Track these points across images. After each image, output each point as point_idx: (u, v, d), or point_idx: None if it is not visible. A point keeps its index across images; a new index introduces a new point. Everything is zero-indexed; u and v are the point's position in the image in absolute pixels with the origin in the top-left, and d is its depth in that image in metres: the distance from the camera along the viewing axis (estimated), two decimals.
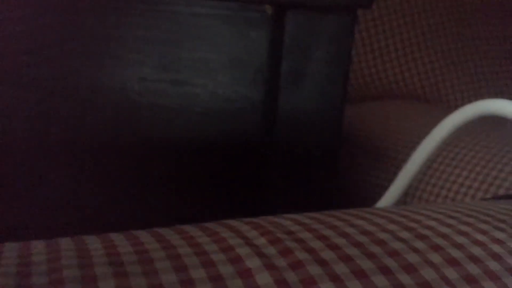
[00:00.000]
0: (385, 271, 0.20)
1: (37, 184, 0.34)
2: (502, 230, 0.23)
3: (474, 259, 0.21)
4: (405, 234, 0.22)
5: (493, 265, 0.21)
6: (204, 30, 0.35)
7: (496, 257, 0.21)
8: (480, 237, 0.23)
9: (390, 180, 0.58)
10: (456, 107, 0.85)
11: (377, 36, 0.85)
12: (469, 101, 0.87)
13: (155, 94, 0.35)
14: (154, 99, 0.35)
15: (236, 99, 0.36)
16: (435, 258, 0.21)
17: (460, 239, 0.22)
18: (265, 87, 0.36)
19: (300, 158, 0.37)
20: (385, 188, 0.57)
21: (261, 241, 0.22)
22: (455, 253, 0.21)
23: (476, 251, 0.22)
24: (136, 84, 0.34)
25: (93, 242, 0.22)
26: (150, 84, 0.34)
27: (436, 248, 0.21)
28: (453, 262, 0.21)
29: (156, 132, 0.35)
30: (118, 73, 0.34)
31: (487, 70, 0.88)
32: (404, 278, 0.19)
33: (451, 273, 0.20)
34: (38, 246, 0.22)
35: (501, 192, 0.45)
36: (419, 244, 0.22)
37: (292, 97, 0.36)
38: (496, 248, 0.22)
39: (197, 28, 0.34)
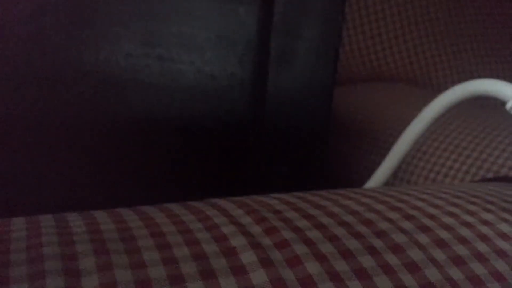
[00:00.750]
0: (372, 251, 0.19)
1: (30, 170, 0.33)
2: (490, 211, 0.23)
3: (462, 241, 0.21)
4: (392, 214, 0.22)
5: (482, 246, 0.20)
6: (192, 5, 0.34)
7: (485, 238, 0.21)
8: (468, 218, 0.22)
9: (379, 162, 0.58)
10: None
11: (368, 17, 0.84)
12: None
13: (140, 70, 0.34)
14: (139, 75, 0.34)
15: (224, 77, 0.35)
16: (423, 239, 0.20)
17: (448, 220, 0.22)
18: (253, 65, 0.35)
19: (288, 138, 0.37)
20: (374, 170, 0.57)
21: (247, 220, 0.21)
22: (443, 234, 0.21)
23: (464, 232, 0.21)
24: (122, 59, 0.33)
25: (75, 219, 0.22)
26: (135, 60, 0.34)
27: (424, 228, 0.21)
28: (441, 243, 0.20)
29: (141, 109, 0.34)
30: (103, 49, 0.33)
31: (478, 53, 0.88)
32: (391, 258, 0.19)
33: (439, 254, 0.20)
34: (18, 223, 0.21)
35: (490, 175, 0.45)
36: (406, 225, 0.21)
37: (281, 76, 0.35)
38: (484, 229, 0.22)
39: (185, 2, 0.34)
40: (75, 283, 0.17)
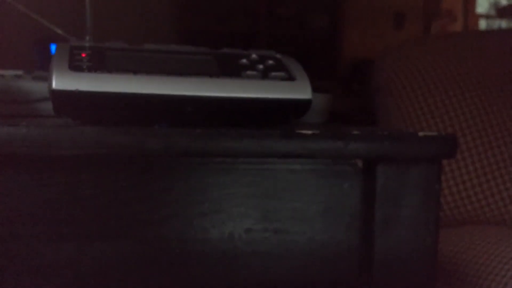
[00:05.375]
0: None
1: None
2: None
3: None
4: None
5: None
6: (301, 183, 0.38)
7: None
8: None
9: None
10: None
11: (465, 161, 0.86)
12: None
13: (259, 242, 0.38)
14: (258, 247, 0.38)
15: (333, 244, 0.39)
16: None
17: None
18: (360, 233, 0.39)
19: None
20: None
21: None
22: None
23: None
24: (243, 234, 0.38)
25: None
26: (255, 234, 0.38)
27: None
28: None
29: (259, 277, 0.38)
30: (226, 226, 0.38)
31: None
32: None
33: None
34: None
35: None
36: None
37: (386, 242, 0.38)
38: None
39: (295, 182, 0.38)
40: None
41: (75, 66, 0.36)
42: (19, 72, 0.58)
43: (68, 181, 0.36)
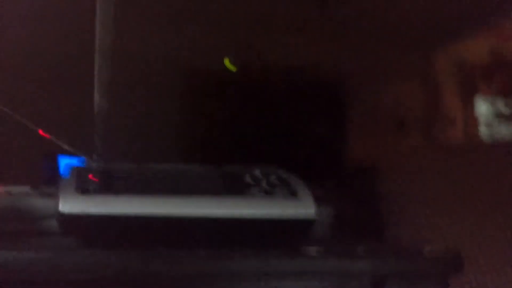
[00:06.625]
0: None
1: None
2: None
3: None
4: None
5: None
6: None
7: None
8: None
9: None
10: None
11: None
12: None
13: None
14: None
15: None
16: None
17: None
18: None
19: None
20: None
21: None
22: None
23: None
24: None
25: None
26: None
27: None
28: None
29: None
30: None
31: None
32: None
33: None
34: None
35: None
36: None
37: None
38: None
39: None
40: None
41: (83, 189, 0.37)
42: (26, 189, 0.58)
43: None
